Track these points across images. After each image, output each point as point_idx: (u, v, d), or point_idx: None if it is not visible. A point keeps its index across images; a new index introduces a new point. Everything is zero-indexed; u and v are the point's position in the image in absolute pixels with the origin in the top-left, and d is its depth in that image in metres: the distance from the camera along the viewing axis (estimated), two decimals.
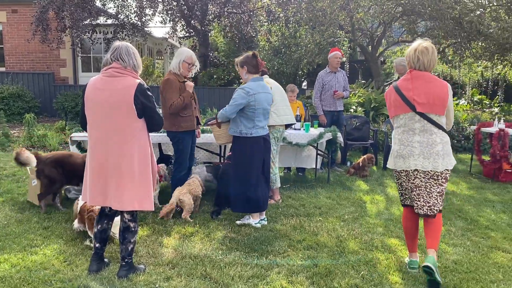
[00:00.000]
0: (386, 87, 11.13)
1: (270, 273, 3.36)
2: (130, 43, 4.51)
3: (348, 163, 7.55)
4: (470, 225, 4.67)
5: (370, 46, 11.81)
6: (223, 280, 3.22)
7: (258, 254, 3.70)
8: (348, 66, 13.67)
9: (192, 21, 14.65)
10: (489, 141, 6.96)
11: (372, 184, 6.37)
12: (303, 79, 15.62)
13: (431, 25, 10.12)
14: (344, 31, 10.98)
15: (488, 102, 12.40)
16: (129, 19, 12.99)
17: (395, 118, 3.39)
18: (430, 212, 3.27)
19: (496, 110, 11.36)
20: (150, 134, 3.29)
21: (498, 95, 12.79)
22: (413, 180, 3.30)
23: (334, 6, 9.65)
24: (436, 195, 3.27)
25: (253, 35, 15.17)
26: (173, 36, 14.79)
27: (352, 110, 9.82)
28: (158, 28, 17.52)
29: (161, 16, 14.32)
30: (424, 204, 3.28)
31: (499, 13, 9.92)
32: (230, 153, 5.17)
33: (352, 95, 10.75)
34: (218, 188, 5.02)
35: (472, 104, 11.97)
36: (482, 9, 10.09)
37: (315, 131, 6.01)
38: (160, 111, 3.62)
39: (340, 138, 6.22)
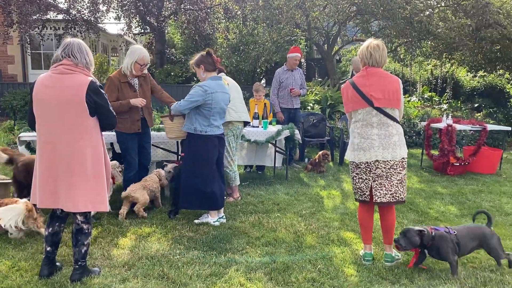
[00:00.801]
0: (342, 85, 11.39)
1: (228, 270, 3.36)
2: (83, 39, 4.36)
3: (306, 160, 7.67)
4: (421, 217, 4.86)
5: (326, 45, 12.03)
6: (181, 279, 3.18)
7: (217, 252, 3.69)
8: (305, 64, 13.86)
9: (148, 18, 14.37)
10: (438, 136, 7.27)
11: (328, 180, 6.51)
12: (261, 77, 15.69)
13: (383, 24, 10.44)
14: (301, 29, 11.11)
15: (437, 99, 12.96)
16: (82, 15, 12.55)
17: (353, 113, 3.53)
18: (392, 199, 3.43)
19: (445, 106, 11.89)
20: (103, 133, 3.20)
21: (447, 92, 13.39)
22: (375, 170, 3.44)
23: (290, 4, 9.75)
24: (397, 183, 3.43)
25: (211, 32, 15.08)
26: (128, 32, 14.44)
27: (309, 107, 9.97)
28: (112, 24, 17.04)
29: (115, 12, 13.93)
30: (387, 193, 3.42)
31: (447, 13, 10.38)
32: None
33: (309, 93, 10.92)
34: (175, 187, 4.96)
35: (422, 101, 12.46)
36: (431, 10, 10.53)
37: (273, 129, 6.06)
38: None
39: (297, 135, 6.30)
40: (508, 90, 13.87)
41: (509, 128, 8.41)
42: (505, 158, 8.30)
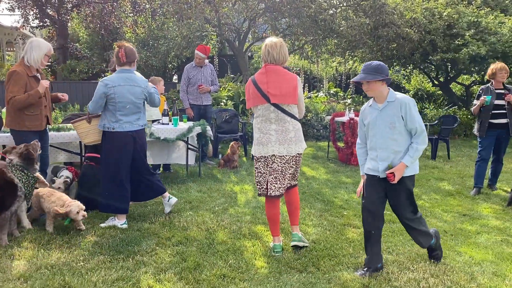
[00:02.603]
0: None
1: (136, 274, 3.24)
2: None
3: (220, 156, 7.68)
4: (327, 206, 5.12)
5: (237, 41, 12.13)
6: (84, 287, 3.01)
7: (124, 256, 3.54)
8: (217, 60, 13.85)
9: (48, 10, 13.34)
10: (342, 130, 7.71)
11: (242, 175, 6.58)
12: (173, 73, 15.39)
13: (291, 22, 10.78)
14: (211, 25, 11.08)
15: (342, 94, 13.74)
16: None
17: (254, 108, 3.64)
18: (283, 191, 3.63)
19: (349, 101, 12.63)
20: None
21: (350, 88, 14.26)
22: (271, 164, 3.58)
23: None
24: (289, 177, 3.64)
25: (118, 26, 14.42)
26: (26, 25, 13.28)
27: (222, 103, 9.99)
28: (6, 16, 15.56)
29: (9, 3, 12.74)
30: (280, 186, 3.60)
31: (348, 13, 11.03)
32: (90, 154, 4.87)
33: (222, 89, 10.94)
34: (78, 191, 4.68)
35: (328, 96, 13.13)
36: (334, 9, 11.12)
37: (184, 125, 5.96)
38: None
39: (209, 131, 6.27)
40: (404, 85, 15.12)
41: None
42: None
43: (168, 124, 5.94)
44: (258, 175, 3.66)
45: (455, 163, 7.86)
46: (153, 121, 6.09)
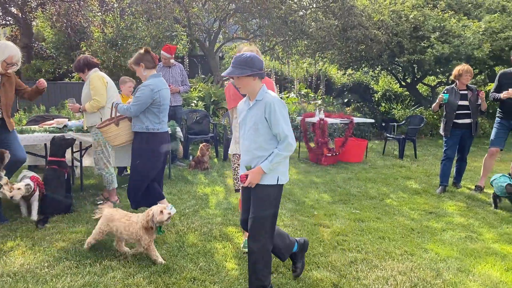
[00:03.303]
0: (226, 82, 11.53)
1: (104, 279, 3.16)
2: None
3: (191, 157, 7.61)
4: (298, 206, 5.15)
5: (207, 42, 12.05)
6: None
7: (91, 261, 3.45)
8: (187, 60, 13.72)
9: (11, 8, 12.88)
10: (312, 130, 7.78)
11: (212, 176, 6.54)
12: None
13: (261, 23, 10.80)
14: (181, 25, 10.96)
15: (312, 95, 13.86)
16: None
17: (235, 109, 3.79)
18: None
19: (319, 102, 12.76)
20: None
21: (320, 89, 14.40)
22: None
23: None
24: None
25: (85, 26, 14.06)
26: None
27: (193, 104, 9.91)
28: None
29: None
30: None
31: (318, 14, 11.15)
32: (53, 158, 4.72)
33: (193, 90, 10.85)
34: (44, 195, 4.53)
35: (299, 97, 13.23)
36: (304, 10, 11.22)
37: None
38: None
39: (179, 132, 6.20)
40: (372, 86, 15.41)
41: (372, 121, 9.36)
42: (370, 148, 9.22)
43: None
44: (236, 173, 3.82)
45: (421, 162, 8.07)
46: None
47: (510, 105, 5.57)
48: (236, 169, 3.82)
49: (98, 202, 5.01)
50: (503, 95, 5.49)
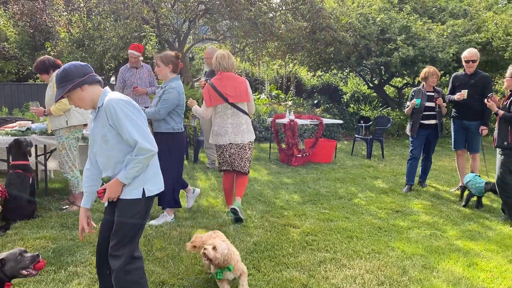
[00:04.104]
0: (196, 83, 11.46)
1: (69, 286, 3.08)
2: None
3: None
4: (268, 207, 5.17)
5: (177, 42, 11.94)
6: None
7: (56, 268, 3.35)
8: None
9: None
10: (283, 131, 7.83)
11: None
12: (111, 74, 14.87)
13: (231, 24, 10.79)
14: (150, 25, 10.82)
15: (283, 96, 13.98)
16: None
17: (214, 107, 4.49)
18: (242, 170, 4.60)
19: (290, 103, 12.88)
20: None
21: (291, 90, 14.55)
22: (230, 150, 4.54)
23: None
24: (245, 160, 4.58)
25: (50, 25, 13.70)
26: None
27: None
28: None
29: None
30: (239, 164, 4.57)
31: (287, 16, 11.23)
32: (14, 162, 4.57)
33: None
34: (6, 200, 4.37)
35: (270, 99, 13.31)
36: (273, 12, 11.27)
37: None
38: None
39: None
40: (341, 88, 15.67)
41: (341, 122, 9.50)
42: (339, 148, 9.35)
43: None
44: (220, 155, 4.62)
45: (389, 162, 8.25)
46: (85, 125, 5.83)
47: (463, 106, 5.78)
48: (220, 155, 4.61)
49: (64, 207, 4.89)
50: (457, 96, 5.70)
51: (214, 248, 2.95)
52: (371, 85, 13.86)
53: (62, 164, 4.78)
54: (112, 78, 15.10)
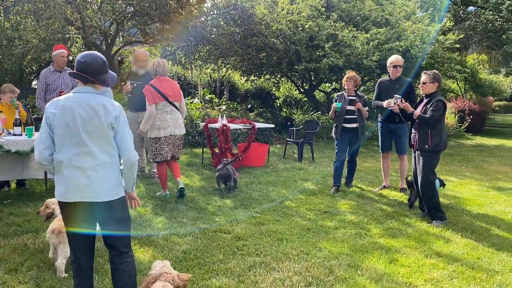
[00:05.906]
0: (125, 86, 11.06)
1: None
2: None
3: None
4: (200, 213, 5.10)
5: (104, 45, 11.48)
6: None
7: None
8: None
9: None
10: (217, 136, 7.80)
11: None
12: (32, 77, 13.94)
13: (161, 27, 10.56)
14: (75, 27, 10.30)
15: (217, 101, 13.92)
16: None
17: (156, 105, 5.38)
18: (178, 156, 5.71)
19: (223, 107, 12.86)
20: None
21: (225, 95, 14.54)
22: (170, 141, 5.52)
23: None
24: (180, 148, 5.72)
25: None
26: None
27: None
28: None
29: None
30: (177, 153, 5.66)
31: (219, 21, 11.24)
32: None
33: None
34: None
35: (204, 103, 13.20)
36: (205, 16, 11.23)
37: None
38: None
39: None
40: (274, 92, 15.95)
41: (273, 126, 9.66)
42: (272, 152, 9.49)
43: (21, 135, 5.34)
44: (157, 148, 5.48)
45: (318, 164, 8.52)
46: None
47: (389, 111, 6.05)
48: (158, 148, 5.47)
49: None
50: (385, 104, 5.98)
51: None
52: (301, 90, 14.23)
53: None
54: (34, 82, 14.17)
